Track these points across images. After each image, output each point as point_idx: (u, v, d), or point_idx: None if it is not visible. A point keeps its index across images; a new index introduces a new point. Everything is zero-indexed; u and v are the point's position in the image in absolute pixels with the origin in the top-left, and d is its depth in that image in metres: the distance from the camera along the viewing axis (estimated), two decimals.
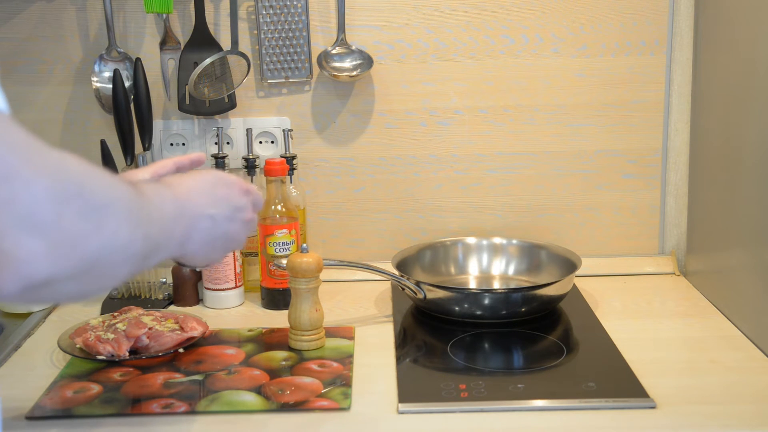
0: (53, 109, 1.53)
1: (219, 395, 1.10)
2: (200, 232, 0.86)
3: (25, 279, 0.60)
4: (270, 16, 1.48)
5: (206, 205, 0.87)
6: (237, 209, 0.91)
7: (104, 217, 0.64)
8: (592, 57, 1.51)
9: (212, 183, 0.90)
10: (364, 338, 1.28)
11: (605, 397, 1.06)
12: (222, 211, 0.89)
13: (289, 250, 1.37)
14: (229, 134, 1.53)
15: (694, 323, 1.31)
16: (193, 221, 0.84)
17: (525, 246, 1.50)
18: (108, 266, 0.66)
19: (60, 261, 0.61)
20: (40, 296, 0.64)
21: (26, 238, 0.59)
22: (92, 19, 1.49)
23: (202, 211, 0.86)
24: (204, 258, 0.90)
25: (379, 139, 1.54)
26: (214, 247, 0.89)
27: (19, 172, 0.58)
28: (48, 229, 0.60)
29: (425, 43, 1.50)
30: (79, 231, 0.62)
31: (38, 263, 0.60)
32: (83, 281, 0.65)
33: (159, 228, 0.74)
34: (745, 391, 1.08)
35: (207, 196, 0.87)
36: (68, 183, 0.62)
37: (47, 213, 0.60)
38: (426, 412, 1.04)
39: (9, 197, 0.58)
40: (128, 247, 0.67)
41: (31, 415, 1.06)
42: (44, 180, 0.60)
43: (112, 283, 0.70)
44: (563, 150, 1.54)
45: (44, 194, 0.59)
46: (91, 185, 0.64)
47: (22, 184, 0.58)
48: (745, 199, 1.26)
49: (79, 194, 0.62)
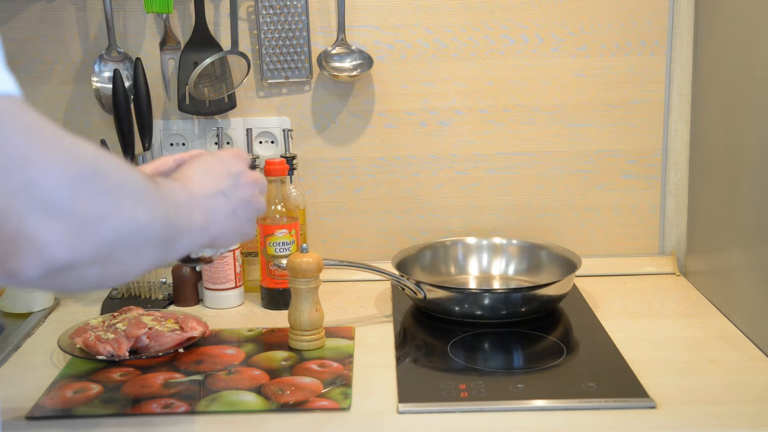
0: (53, 109, 1.53)
1: (219, 395, 1.10)
2: (218, 211, 0.86)
3: (47, 263, 0.60)
4: (270, 16, 1.48)
5: (211, 184, 0.87)
6: (238, 175, 0.91)
7: (121, 198, 0.64)
8: (592, 57, 1.51)
9: (205, 163, 0.90)
10: (364, 338, 1.28)
11: (605, 397, 1.06)
12: (227, 182, 0.89)
13: (289, 250, 1.37)
14: (229, 134, 1.53)
15: (694, 323, 1.31)
16: (206, 202, 0.84)
17: (525, 246, 1.50)
18: (129, 250, 0.66)
19: (80, 244, 0.61)
20: (62, 282, 0.63)
21: (46, 222, 0.59)
22: (92, 19, 1.49)
23: (210, 190, 0.86)
24: (235, 234, 0.90)
25: (379, 139, 1.54)
26: (239, 219, 0.90)
27: (34, 157, 0.58)
28: (66, 212, 0.60)
29: (425, 43, 1.50)
30: (97, 213, 0.61)
31: (59, 247, 0.59)
32: (106, 266, 0.64)
33: (176, 211, 0.74)
34: (745, 391, 1.08)
35: (208, 176, 0.87)
36: (83, 166, 0.61)
37: (65, 196, 0.59)
38: (426, 412, 1.04)
39: (26, 183, 0.57)
40: (148, 228, 0.67)
41: (31, 415, 1.06)
42: (60, 164, 0.59)
43: (137, 270, 0.69)
44: (563, 150, 1.54)
45: (61, 178, 0.59)
46: (106, 168, 0.64)
47: (38, 169, 0.58)
48: (745, 199, 1.26)
49: (94, 176, 0.62)
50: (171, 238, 0.72)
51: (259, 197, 0.95)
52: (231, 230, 0.89)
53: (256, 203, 0.94)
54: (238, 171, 0.92)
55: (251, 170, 0.95)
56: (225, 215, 0.87)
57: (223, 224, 0.87)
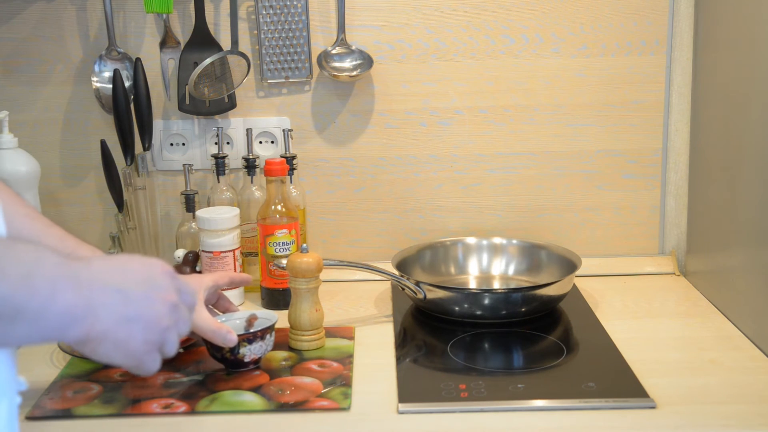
0: (53, 109, 1.53)
1: (219, 395, 1.10)
2: (108, 309, 0.75)
3: None
4: (270, 16, 1.48)
5: (115, 279, 0.76)
6: (155, 287, 0.80)
7: None
8: (592, 57, 1.51)
9: (130, 260, 0.81)
10: (364, 338, 1.28)
11: (605, 397, 1.06)
12: (136, 286, 0.78)
13: (289, 250, 1.37)
14: (229, 134, 1.53)
15: (694, 323, 1.31)
16: (94, 293, 0.74)
17: (525, 246, 1.50)
18: None
19: None
20: None
21: None
22: (92, 19, 1.49)
23: (108, 283, 0.76)
24: (123, 350, 0.77)
25: (379, 139, 1.54)
26: (131, 333, 0.77)
27: None
28: None
29: (425, 43, 1.50)
30: None
31: None
32: None
33: (13, 285, 0.67)
34: (745, 391, 1.08)
35: (118, 271, 0.78)
36: None
37: None
38: (426, 412, 1.04)
39: None
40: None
41: (31, 415, 1.06)
42: None
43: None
44: (563, 150, 1.54)
45: None
46: None
47: None
48: (745, 199, 1.26)
49: None
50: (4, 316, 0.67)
51: (171, 328, 0.81)
52: (118, 340, 0.76)
53: (163, 330, 0.80)
54: (158, 284, 0.80)
55: (184, 300, 0.84)
56: (116, 318, 0.76)
57: (108, 325, 0.75)
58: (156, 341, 0.80)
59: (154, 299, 0.79)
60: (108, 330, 0.75)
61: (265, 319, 1.19)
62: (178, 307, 0.83)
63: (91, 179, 1.55)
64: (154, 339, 0.80)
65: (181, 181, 1.48)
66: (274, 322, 1.17)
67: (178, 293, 0.83)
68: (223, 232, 1.37)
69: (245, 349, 1.13)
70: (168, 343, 0.82)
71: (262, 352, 1.15)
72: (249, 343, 1.13)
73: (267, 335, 1.15)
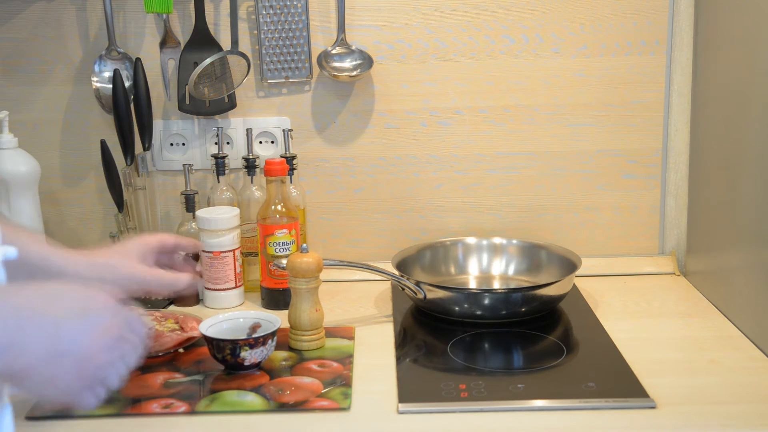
0: (53, 109, 1.53)
1: (219, 395, 1.10)
2: (35, 342, 0.68)
3: None
4: (270, 16, 1.48)
5: (47, 308, 0.70)
6: (92, 320, 0.73)
7: None
8: (592, 57, 1.51)
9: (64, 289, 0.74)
10: (364, 338, 1.28)
11: (605, 397, 1.06)
12: (70, 318, 0.71)
13: (289, 250, 1.37)
14: (229, 134, 1.53)
15: (694, 323, 1.31)
16: (20, 322, 0.67)
17: (525, 246, 1.50)
18: None
19: None
20: None
21: None
22: (92, 19, 1.49)
23: (38, 312, 0.69)
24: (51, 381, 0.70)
25: (379, 139, 1.54)
26: (61, 368, 0.70)
27: None
28: None
29: (425, 43, 1.50)
30: None
31: None
32: None
33: None
34: (745, 391, 1.08)
35: (51, 300, 0.71)
36: None
37: None
38: (426, 412, 1.04)
39: None
40: None
41: (31, 415, 1.06)
42: None
43: None
44: (563, 150, 1.54)
45: None
46: None
47: None
48: (745, 199, 1.26)
49: None
50: None
51: (113, 362, 0.76)
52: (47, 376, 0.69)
53: (101, 366, 0.74)
54: (98, 316, 0.74)
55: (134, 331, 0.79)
56: (44, 353, 0.69)
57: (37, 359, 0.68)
58: (92, 377, 0.74)
59: (90, 332, 0.73)
60: (34, 365, 0.69)
61: (268, 323, 1.19)
62: (123, 340, 0.77)
63: (91, 179, 1.55)
64: (90, 375, 0.73)
65: (181, 181, 1.48)
66: (276, 328, 1.17)
67: (124, 325, 0.77)
68: (223, 232, 1.37)
69: (246, 353, 1.13)
70: (109, 378, 0.76)
71: (263, 356, 1.16)
72: (250, 348, 1.13)
73: (269, 341, 1.15)
